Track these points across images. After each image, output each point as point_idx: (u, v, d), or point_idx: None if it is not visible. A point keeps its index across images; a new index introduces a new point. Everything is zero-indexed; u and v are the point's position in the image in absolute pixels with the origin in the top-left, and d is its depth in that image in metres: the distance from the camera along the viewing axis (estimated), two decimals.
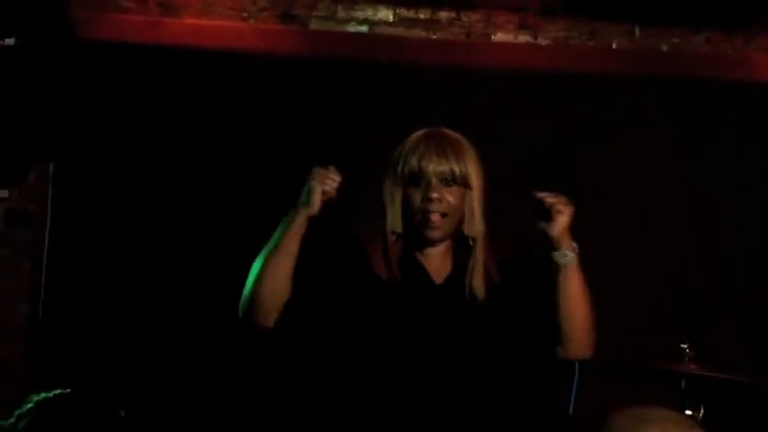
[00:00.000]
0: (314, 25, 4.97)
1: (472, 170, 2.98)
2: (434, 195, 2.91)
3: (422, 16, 5.01)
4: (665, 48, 5.08)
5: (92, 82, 4.69)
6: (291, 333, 2.98)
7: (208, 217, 4.70)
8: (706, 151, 4.90)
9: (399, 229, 2.97)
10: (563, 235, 2.99)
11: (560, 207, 2.99)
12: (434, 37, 5.01)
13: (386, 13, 5.01)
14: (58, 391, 2.05)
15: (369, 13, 5.00)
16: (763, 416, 4.20)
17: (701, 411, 3.76)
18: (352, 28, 5.00)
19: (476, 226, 2.99)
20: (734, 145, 4.91)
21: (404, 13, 5.01)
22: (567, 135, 4.84)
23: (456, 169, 2.94)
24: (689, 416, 3.78)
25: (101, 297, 4.62)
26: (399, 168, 2.95)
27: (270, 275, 2.92)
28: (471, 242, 2.99)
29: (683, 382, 3.79)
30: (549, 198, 3.00)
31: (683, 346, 3.81)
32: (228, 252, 4.41)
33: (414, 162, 2.93)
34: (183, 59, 4.79)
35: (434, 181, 2.92)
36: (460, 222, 2.98)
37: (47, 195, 4.78)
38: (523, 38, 5.04)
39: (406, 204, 2.95)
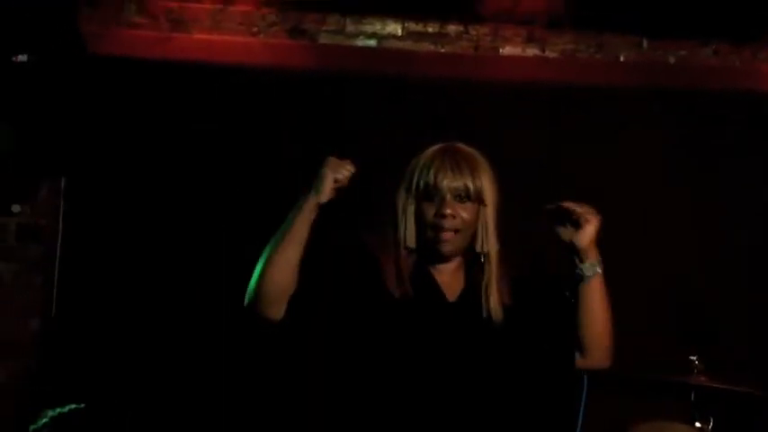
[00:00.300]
0: (323, 39, 4.99)
1: (487, 186, 2.95)
2: (448, 211, 2.88)
3: (430, 30, 5.04)
4: (672, 60, 5.09)
5: (103, 97, 4.70)
6: (298, 336, 3.02)
7: (217, 230, 4.70)
8: (713, 162, 4.90)
9: (412, 243, 2.94)
10: (590, 246, 2.98)
11: (588, 217, 2.98)
12: (443, 50, 5.03)
13: (394, 27, 5.03)
14: (71, 406, 2.06)
15: (377, 27, 5.02)
16: None
17: (711, 423, 3.79)
18: (360, 42, 5.02)
19: (489, 243, 2.96)
20: (741, 155, 4.90)
21: (412, 26, 5.03)
22: (574, 147, 4.83)
23: (470, 185, 2.90)
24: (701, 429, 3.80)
25: (112, 310, 4.62)
26: (414, 182, 2.92)
27: (277, 261, 2.88)
28: (483, 259, 2.96)
29: (692, 395, 3.82)
30: (576, 208, 2.99)
31: (692, 358, 3.84)
32: (237, 267, 4.42)
33: (428, 177, 2.90)
34: (193, 74, 4.81)
35: (449, 197, 2.89)
36: (473, 239, 2.95)
37: (58, 210, 4.79)
38: (531, 51, 5.06)
39: (419, 219, 2.92)
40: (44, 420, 2.05)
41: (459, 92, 4.87)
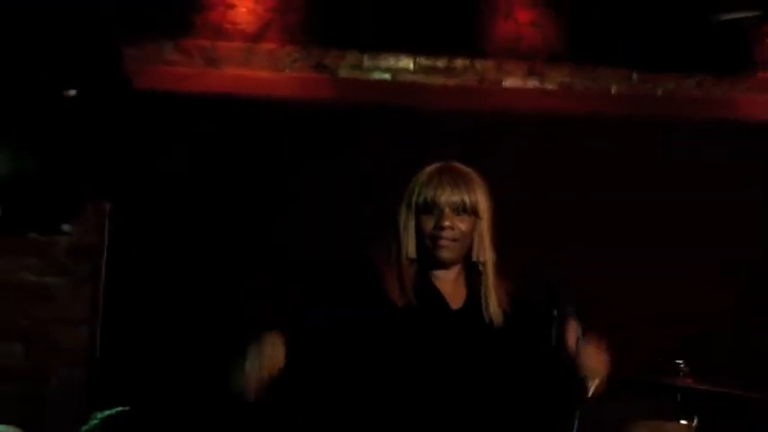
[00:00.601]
0: (342, 74, 4.99)
1: (482, 201, 2.94)
2: (447, 224, 2.87)
3: (439, 64, 5.03)
4: (659, 92, 5.08)
5: (145, 128, 4.70)
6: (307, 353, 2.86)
7: (248, 246, 4.72)
8: (696, 184, 4.89)
9: (413, 254, 2.91)
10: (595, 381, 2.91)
11: (595, 376, 2.91)
12: (451, 83, 5.03)
13: (407, 62, 5.03)
14: (119, 409, 2.07)
15: (391, 62, 5.03)
16: (752, 424, 4.19)
17: (695, 421, 3.75)
18: (376, 76, 5.02)
19: (485, 252, 2.94)
20: (721, 177, 4.90)
21: (423, 61, 5.03)
22: (571, 170, 4.84)
23: (467, 200, 2.89)
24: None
25: (153, 320, 4.64)
26: (414, 198, 2.91)
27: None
28: (481, 268, 2.94)
29: (678, 395, 3.76)
30: (587, 362, 2.90)
31: (678, 361, 3.80)
32: (271, 275, 4.46)
33: (428, 193, 2.89)
34: (225, 106, 4.82)
35: (447, 210, 2.88)
36: (471, 249, 2.93)
37: (104, 230, 4.80)
38: (532, 83, 5.05)
39: (420, 231, 2.90)
40: (94, 422, 2.08)
41: (466, 121, 4.86)
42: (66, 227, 4.71)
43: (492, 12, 5.02)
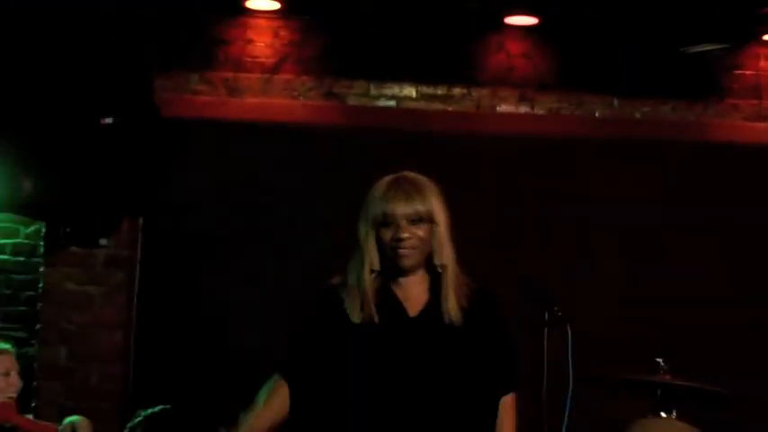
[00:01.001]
0: (351, 101, 5.01)
1: (436, 207, 2.77)
2: (404, 235, 2.72)
3: (439, 92, 5.05)
4: (638, 115, 5.10)
5: (173, 151, 4.70)
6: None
7: (265, 257, 4.72)
8: (672, 199, 4.91)
9: (377, 266, 2.78)
10: None
11: None
12: (450, 109, 5.04)
13: (410, 90, 5.04)
14: (161, 407, 2.08)
15: (396, 90, 5.04)
16: (725, 417, 4.17)
17: (674, 414, 3.74)
18: (382, 102, 5.03)
19: (444, 255, 2.79)
20: (691, 192, 4.92)
21: (424, 89, 5.04)
22: (559, 187, 4.86)
23: (421, 209, 2.73)
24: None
25: (182, 325, 4.66)
26: (371, 212, 2.76)
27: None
28: (441, 270, 2.79)
29: (658, 391, 3.75)
30: None
31: (658, 360, 3.78)
32: (292, 286, 4.41)
33: (384, 206, 2.74)
34: (246, 131, 4.84)
35: (403, 222, 2.73)
36: (431, 255, 2.79)
37: (137, 243, 4.84)
38: (523, 109, 5.06)
39: (380, 243, 2.76)
40: (138, 419, 2.09)
41: (463, 143, 4.88)
42: (103, 241, 4.75)
43: (486, 44, 5.05)
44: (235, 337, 4.59)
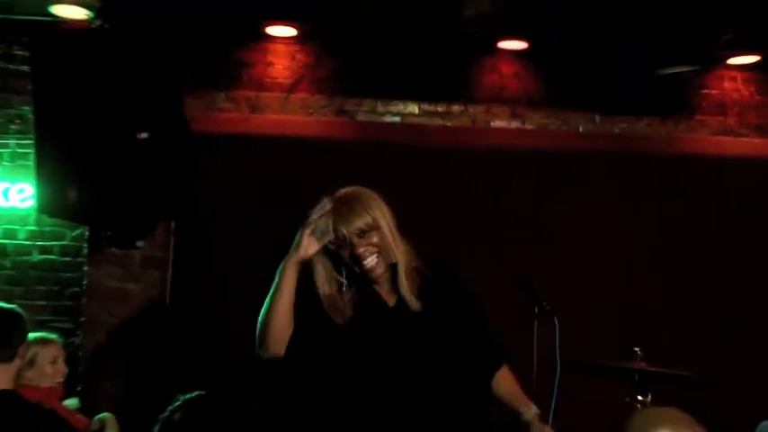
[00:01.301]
0: (360, 117, 5.05)
1: (378, 214, 2.74)
2: (360, 251, 2.72)
3: (439, 109, 5.08)
4: (617, 130, 5.13)
5: (201, 162, 4.74)
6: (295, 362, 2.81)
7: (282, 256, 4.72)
8: (644, 204, 4.93)
9: (350, 279, 2.78)
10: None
11: None
12: (449, 124, 5.07)
13: (413, 107, 5.08)
14: (198, 393, 2.03)
15: (400, 107, 5.08)
16: (695, 399, 4.15)
17: (649, 397, 3.72)
18: (388, 119, 5.07)
19: (396, 254, 2.76)
20: (664, 200, 4.94)
21: (426, 107, 5.08)
22: (547, 195, 4.89)
23: (365, 222, 2.71)
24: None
25: (210, 318, 4.65)
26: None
27: (274, 314, 2.73)
28: (398, 266, 2.78)
29: (635, 376, 3.73)
30: None
31: (635, 349, 3.77)
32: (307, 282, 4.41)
33: (333, 229, 2.73)
34: (266, 144, 4.86)
35: (354, 239, 2.72)
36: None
37: (169, 245, 4.89)
38: (514, 124, 5.09)
39: (344, 261, 2.75)
40: (178, 403, 2.10)
41: (461, 155, 4.91)
42: (139, 243, 4.77)
43: (481, 66, 5.09)
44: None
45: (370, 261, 2.74)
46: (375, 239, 2.74)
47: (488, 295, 4.19)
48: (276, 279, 2.77)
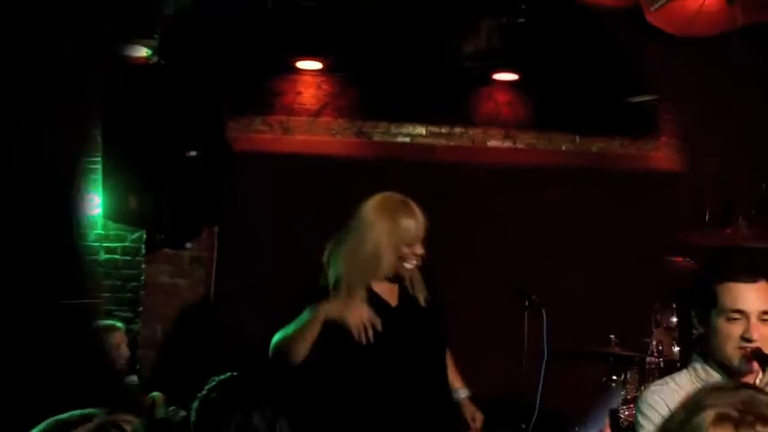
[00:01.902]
0: (376, 138, 5.05)
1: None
2: (421, 252, 2.72)
3: (443, 131, 5.08)
4: (594, 149, 5.11)
5: (241, 176, 4.77)
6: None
7: (309, 258, 4.67)
8: (617, 214, 4.83)
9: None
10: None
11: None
12: (451, 144, 5.07)
13: (421, 130, 5.08)
14: (229, 374, 1.99)
15: (410, 129, 5.08)
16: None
17: (623, 377, 3.72)
18: (400, 139, 5.06)
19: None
20: (634, 210, 4.85)
21: (432, 129, 5.07)
22: (535, 206, 4.84)
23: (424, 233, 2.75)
24: None
25: (252, 312, 4.52)
26: (402, 235, 2.75)
27: (299, 345, 2.70)
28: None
29: (611, 359, 3.76)
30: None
31: (611, 336, 3.78)
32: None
33: (417, 230, 2.73)
34: (296, 162, 4.86)
35: (419, 245, 2.75)
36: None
37: (214, 246, 4.88)
38: (507, 144, 5.09)
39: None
40: (214, 383, 2.08)
41: (462, 170, 4.91)
42: (188, 244, 4.79)
43: (479, 95, 5.09)
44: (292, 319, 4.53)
45: (413, 264, 2.72)
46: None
47: (486, 290, 4.24)
48: (306, 321, 2.68)
